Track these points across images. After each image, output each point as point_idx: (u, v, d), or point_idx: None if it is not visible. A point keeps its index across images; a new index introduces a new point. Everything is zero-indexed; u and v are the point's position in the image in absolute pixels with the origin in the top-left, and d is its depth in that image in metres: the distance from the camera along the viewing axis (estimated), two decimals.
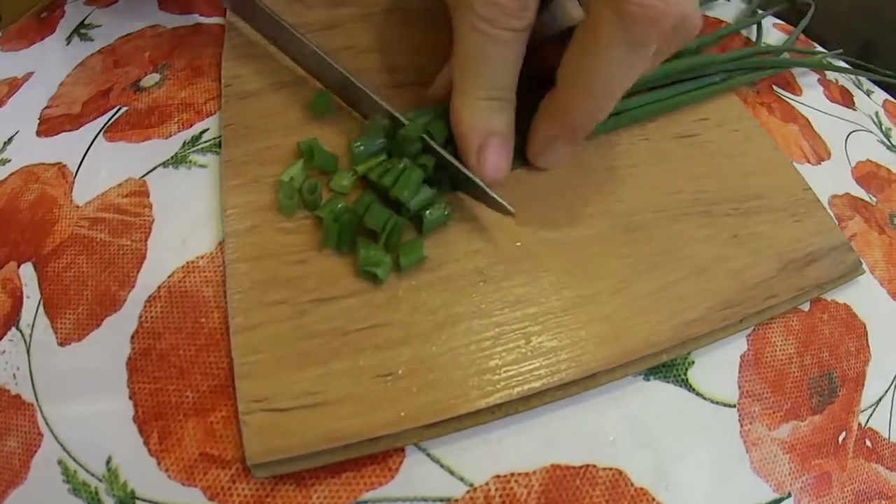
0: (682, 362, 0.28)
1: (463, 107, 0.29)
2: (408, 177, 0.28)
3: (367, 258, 0.26)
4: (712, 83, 0.38)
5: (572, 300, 0.28)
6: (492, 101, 0.28)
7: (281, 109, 0.32)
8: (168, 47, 0.36)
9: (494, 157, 0.29)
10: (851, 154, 0.40)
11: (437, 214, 0.28)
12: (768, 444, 0.27)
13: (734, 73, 0.39)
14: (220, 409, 0.25)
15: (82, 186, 0.31)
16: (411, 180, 0.28)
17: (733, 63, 0.39)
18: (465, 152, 0.29)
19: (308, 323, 0.26)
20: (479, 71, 0.28)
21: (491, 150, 0.29)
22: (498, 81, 0.28)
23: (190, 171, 0.31)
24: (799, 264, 0.31)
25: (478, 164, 0.29)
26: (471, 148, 0.29)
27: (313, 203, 0.28)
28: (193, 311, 0.27)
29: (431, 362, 0.25)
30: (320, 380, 0.24)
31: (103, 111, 0.34)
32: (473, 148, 0.29)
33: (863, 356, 0.31)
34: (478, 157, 0.29)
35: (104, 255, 0.28)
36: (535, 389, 0.25)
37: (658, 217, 0.31)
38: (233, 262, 0.27)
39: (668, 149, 0.35)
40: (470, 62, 0.28)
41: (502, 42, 0.27)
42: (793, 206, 0.34)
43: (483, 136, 0.29)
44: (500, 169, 0.29)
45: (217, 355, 0.26)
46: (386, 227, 0.27)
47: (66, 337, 0.26)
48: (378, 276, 0.26)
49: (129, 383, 0.25)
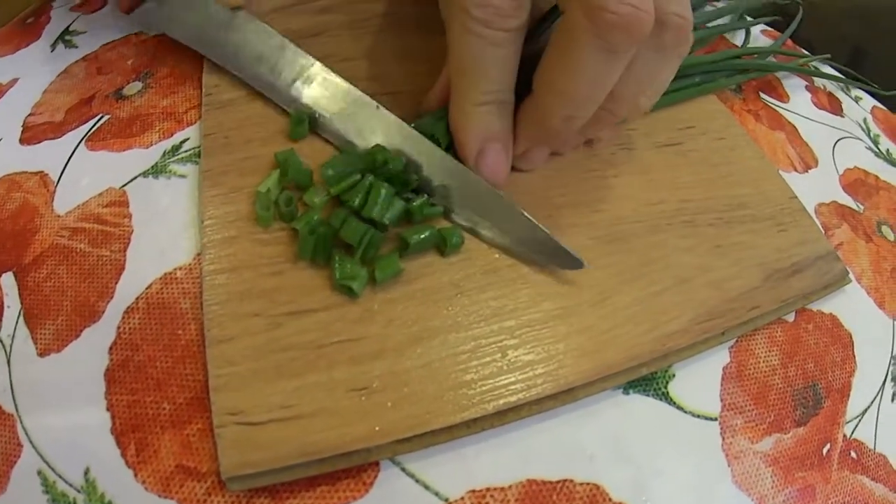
0: (662, 375, 0.28)
1: (461, 112, 0.29)
2: (376, 194, 0.27)
3: (342, 272, 0.26)
4: (692, 84, 0.38)
5: (551, 312, 0.27)
6: (489, 104, 0.28)
7: (260, 119, 0.32)
8: (151, 55, 0.36)
9: (492, 162, 0.29)
10: (839, 161, 0.40)
11: (424, 237, 0.28)
12: (750, 457, 0.27)
13: (715, 74, 0.39)
14: (197, 422, 0.25)
15: (63, 196, 0.31)
16: (380, 197, 0.27)
17: (714, 65, 0.39)
18: (464, 158, 0.29)
19: (283, 335, 0.25)
20: (476, 73, 0.28)
21: (489, 155, 0.29)
22: (495, 84, 0.28)
23: (169, 181, 0.31)
24: (783, 274, 0.31)
25: (476, 170, 0.29)
26: (469, 154, 0.29)
27: (289, 215, 0.28)
28: (171, 322, 0.27)
29: (406, 376, 0.25)
30: (295, 393, 0.24)
31: (86, 119, 0.33)
32: (472, 154, 0.29)
33: (848, 367, 0.31)
34: (476, 163, 0.29)
35: (84, 266, 0.28)
36: (510, 404, 0.25)
37: (640, 227, 0.31)
38: (210, 273, 0.27)
39: (651, 158, 0.34)
40: (466, 65, 0.28)
41: (497, 43, 0.27)
42: (778, 216, 0.33)
43: (481, 141, 0.29)
44: (499, 173, 0.29)
45: (193, 367, 0.25)
46: (362, 242, 0.27)
47: (45, 347, 0.26)
48: (354, 289, 0.26)
49: (107, 395, 0.25)
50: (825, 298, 0.32)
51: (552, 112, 0.27)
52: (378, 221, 0.27)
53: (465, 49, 0.27)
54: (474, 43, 0.27)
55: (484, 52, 0.27)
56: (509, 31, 0.26)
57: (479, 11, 0.26)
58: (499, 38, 0.27)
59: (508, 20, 0.26)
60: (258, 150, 0.31)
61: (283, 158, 0.29)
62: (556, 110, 0.27)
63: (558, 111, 0.27)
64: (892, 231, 0.37)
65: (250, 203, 0.29)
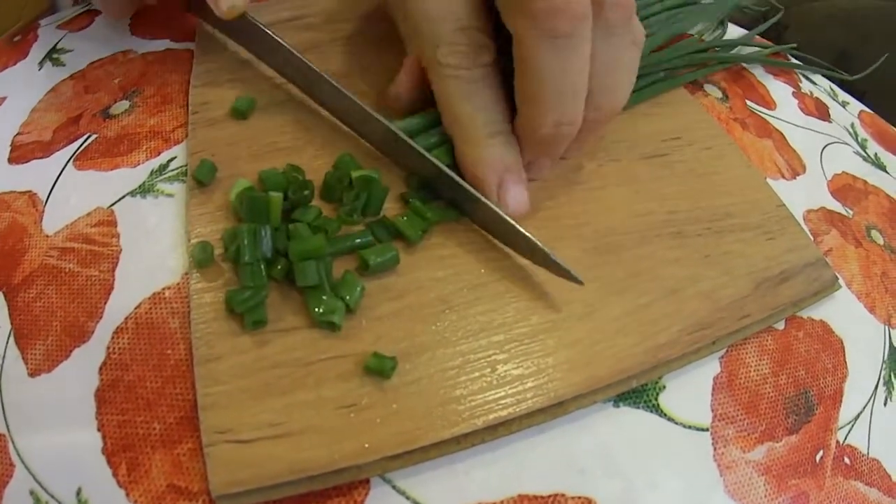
0: (652, 387, 0.28)
1: (471, 151, 0.29)
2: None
3: (319, 311, 0.26)
4: (657, 80, 0.38)
5: (540, 326, 0.27)
6: (496, 136, 0.29)
7: (248, 136, 0.32)
8: (138, 73, 0.36)
9: (515, 194, 0.29)
10: (827, 167, 0.40)
11: (384, 259, 0.28)
12: (743, 466, 0.27)
13: (679, 69, 0.40)
14: (187, 441, 0.24)
15: (52, 215, 0.30)
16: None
17: (679, 59, 0.39)
18: (485, 195, 0.29)
19: (271, 353, 0.25)
20: (471, 112, 0.29)
21: (510, 188, 0.29)
22: (491, 116, 0.29)
23: (157, 200, 0.31)
24: (773, 283, 0.31)
25: (500, 204, 0.29)
26: (490, 191, 0.29)
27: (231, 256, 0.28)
28: (160, 342, 0.26)
29: (395, 393, 0.25)
30: (283, 411, 0.24)
31: (73, 138, 0.33)
32: (493, 190, 0.29)
33: (840, 372, 0.31)
34: (499, 198, 0.29)
35: (73, 286, 0.28)
36: (501, 419, 0.25)
37: (628, 239, 0.31)
38: (197, 291, 0.27)
39: (638, 169, 0.34)
40: (459, 108, 0.29)
41: (474, 79, 0.29)
42: (766, 224, 0.33)
43: (499, 174, 0.29)
44: (523, 203, 0.30)
45: (183, 387, 0.25)
46: (320, 276, 0.26)
47: (36, 368, 0.26)
48: (336, 323, 0.26)
49: (97, 415, 0.25)
50: (815, 305, 0.33)
51: (540, 121, 0.28)
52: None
53: (449, 92, 0.29)
54: (455, 85, 0.29)
55: (465, 90, 0.29)
56: (482, 66, 0.29)
57: (450, 59, 0.28)
58: (473, 74, 0.29)
59: (476, 58, 0.28)
60: (245, 167, 0.31)
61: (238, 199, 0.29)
62: (542, 118, 0.28)
63: (544, 118, 0.28)
64: (881, 235, 0.38)
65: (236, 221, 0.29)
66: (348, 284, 0.27)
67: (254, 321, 0.26)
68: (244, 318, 0.26)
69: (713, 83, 0.43)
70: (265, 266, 0.27)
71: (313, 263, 0.26)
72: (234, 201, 0.29)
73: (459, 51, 0.28)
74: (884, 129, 0.47)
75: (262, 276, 0.26)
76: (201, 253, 0.27)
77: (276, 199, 0.27)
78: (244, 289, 0.26)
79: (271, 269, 0.27)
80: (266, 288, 0.26)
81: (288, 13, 0.39)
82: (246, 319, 0.26)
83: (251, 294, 0.26)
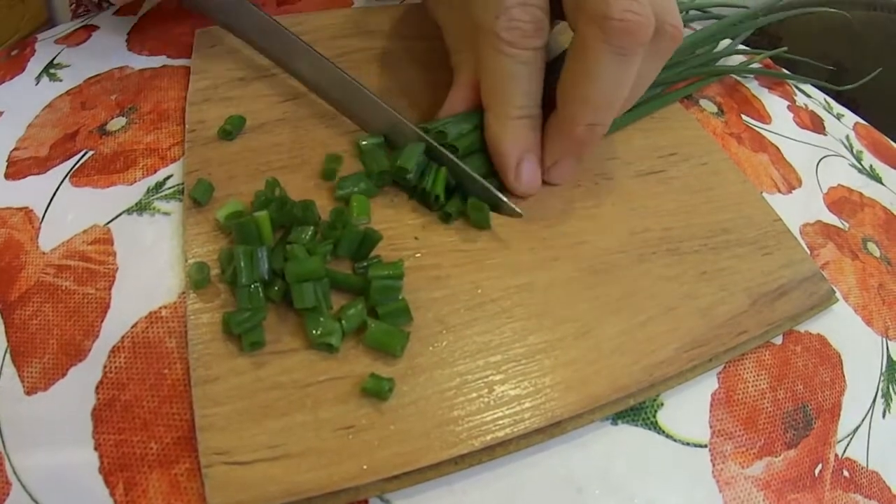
0: (651, 404, 0.28)
1: (500, 126, 0.31)
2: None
3: (318, 331, 0.26)
4: (653, 96, 0.39)
5: (536, 346, 0.27)
6: (525, 118, 0.31)
7: (245, 155, 0.32)
8: (135, 90, 0.36)
9: (530, 174, 0.32)
10: (823, 180, 0.40)
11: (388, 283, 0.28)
12: (742, 482, 0.27)
13: (675, 84, 0.41)
14: (184, 462, 0.24)
15: (48, 232, 0.30)
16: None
17: (672, 74, 0.40)
18: (503, 169, 0.32)
19: (268, 375, 0.25)
20: (510, 89, 0.30)
21: (527, 167, 0.31)
22: (527, 98, 0.30)
23: (153, 218, 0.31)
24: (769, 298, 0.31)
25: (515, 181, 0.32)
26: (509, 165, 0.31)
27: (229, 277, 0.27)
28: (157, 362, 0.26)
29: (392, 414, 0.25)
30: (281, 433, 0.24)
31: (70, 155, 0.33)
32: (511, 165, 0.31)
33: (838, 386, 0.31)
34: (515, 174, 0.31)
35: (69, 304, 0.28)
36: (498, 439, 0.25)
37: (624, 257, 0.31)
38: (194, 312, 0.27)
39: (633, 186, 0.35)
40: (500, 83, 0.30)
41: (525, 61, 0.30)
42: (762, 239, 0.33)
43: (520, 153, 0.31)
44: (535, 184, 0.32)
45: (180, 407, 0.25)
46: (317, 298, 0.26)
47: (32, 386, 0.26)
48: (333, 345, 0.26)
49: (94, 434, 0.25)
50: (812, 319, 0.33)
51: (577, 120, 0.29)
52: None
53: (498, 68, 0.30)
54: (506, 62, 0.29)
55: (515, 69, 0.30)
56: (535, 49, 0.30)
57: (508, 34, 0.29)
58: (526, 56, 0.29)
59: (533, 40, 0.29)
60: (242, 187, 0.31)
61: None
62: (580, 118, 0.29)
63: (582, 119, 0.29)
64: (877, 247, 0.38)
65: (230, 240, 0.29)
66: (354, 314, 0.27)
67: (251, 343, 0.26)
68: (242, 339, 0.26)
69: (708, 98, 0.44)
70: (262, 287, 0.27)
71: (311, 285, 0.26)
72: (224, 221, 0.29)
73: (518, 27, 0.29)
74: (878, 140, 0.47)
75: (259, 298, 0.26)
76: (198, 274, 0.27)
77: (263, 218, 0.27)
78: (242, 310, 0.26)
79: (269, 291, 0.27)
80: (264, 310, 0.26)
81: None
82: (244, 341, 0.26)
83: (249, 316, 0.26)
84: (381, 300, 0.27)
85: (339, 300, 0.28)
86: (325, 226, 0.29)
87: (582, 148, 0.31)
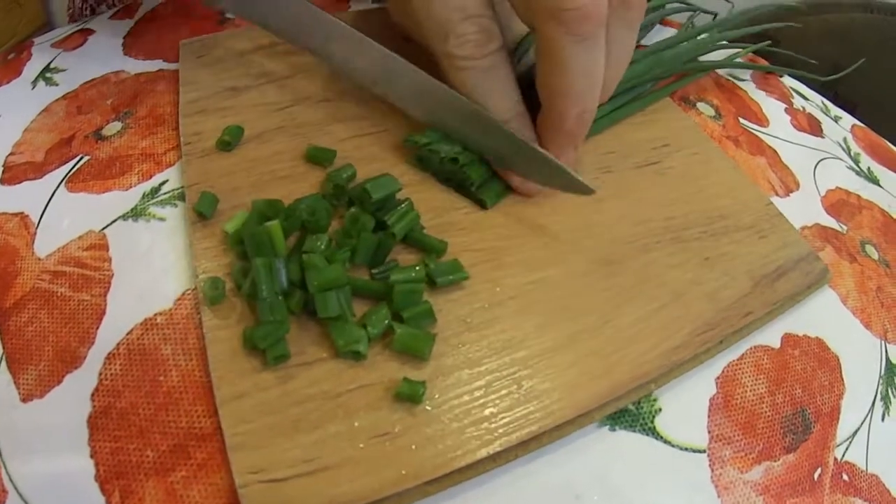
0: (648, 410, 0.28)
1: None
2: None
3: (344, 339, 0.26)
4: (643, 92, 0.39)
5: (559, 340, 0.28)
6: (512, 120, 0.31)
7: (245, 165, 0.32)
8: (130, 94, 0.36)
9: None
10: (821, 183, 0.40)
11: (410, 287, 0.27)
12: (741, 487, 0.27)
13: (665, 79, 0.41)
14: (180, 469, 0.24)
15: (44, 238, 0.30)
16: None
17: (661, 70, 0.40)
18: (506, 174, 0.32)
19: (296, 388, 0.25)
20: (486, 99, 0.30)
21: None
22: (506, 100, 0.31)
23: (149, 224, 0.31)
24: (770, 279, 0.32)
25: (522, 182, 0.32)
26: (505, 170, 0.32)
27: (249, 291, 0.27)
28: (152, 369, 0.26)
29: (426, 417, 0.25)
30: (316, 446, 0.24)
31: (66, 160, 0.33)
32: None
33: (837, 389, 0.31)
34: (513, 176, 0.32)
35: (65, 310, 0.28)
36: (533, 433, 0.25)
37: (631, 248, 0.32)
38: (211, 328, 0.26)
39: (633, 179, 0.35)
40: (472, 96, 0.30)
41: (489, 66, 0.30)
42: (757, 223, 0.34)
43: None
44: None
45: (175, 414, 0.25)
46: (341, 306, 0.26)
47: (28, 393, 0.26)
48: (361, 352, 0.26)
49: (90, 441, 0.25)
50: (811, 322, 0.33)
51: (565, 114, 0.30)
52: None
53: (465, 83, 0.30)
54: (470, 75, 0.30)
55: (481, 79, 0.30)
56: (493, 52, 0.30)
57: (461, 51, 0.29)
58: (487, 62, 0.30)
59: (487, 46, 0.29)
60: (247, 198, 0.30)
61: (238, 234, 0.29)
62: (567, 111, 0.30)
63: (569, 112, 0.30)
64: (876, 250, 0.38)
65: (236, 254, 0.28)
66: (377, 317, 0.26)
67: (276, 356, 0.25)
68: (266, 353, 0.25)
69: (706, 101, 0.44)
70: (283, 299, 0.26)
71: (334, 294, 0.26)
72: (231, 234, 0.28)
73: (469, 40, 0.29)
74: (876, 142, 0.47)
75: (282, 310, 0.26)
76: (212, 290, 0.27)
77: (275, 228, 0.27)
78: (264, 324, 0.25)
79: (289, 302, 0.26)
80: (287, 322, 0.26)
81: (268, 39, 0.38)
82: (268, 355, 0.25)
83: (272, 329, 0.25)
84: (405, 304, 0.27)
85: (359, 307, 0.27)
86: (341, 233, 0.29)
87: (577, 137, 0.32)
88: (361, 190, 0.29)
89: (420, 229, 0.30)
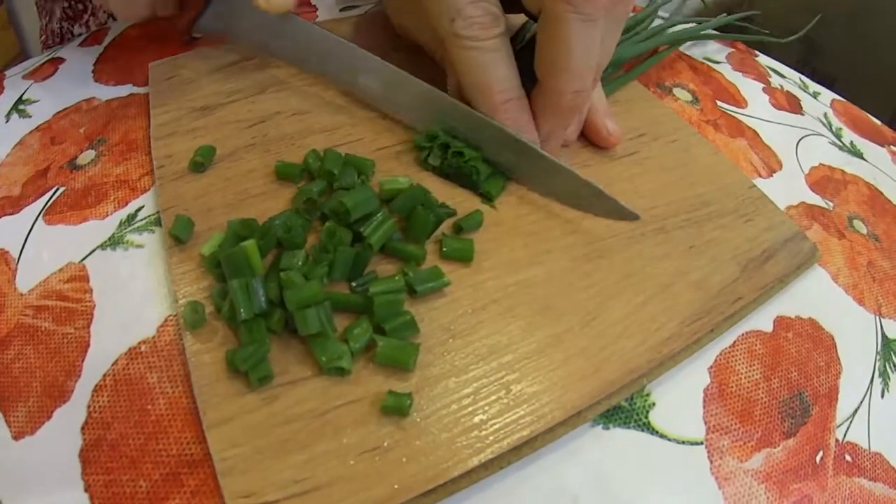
0: (642, 405, 0.28)
1: (492, 115, 0.32)
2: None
3: (327, 356, 0.25)
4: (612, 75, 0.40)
5: (545, 341, 0.28)
6: (509, 102, 0.32)
7: (219, 185, 0.32)
8: (103, 121, 0.36)
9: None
10: (803, 161, 0.40)
11: (390, 297, 0.27)
12: (741, 477, 0.26)
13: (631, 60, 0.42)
14: (174, 498, 0.24)
15: (25, 273, 0.30)
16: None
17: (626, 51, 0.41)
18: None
19: (282, 408, 0.25)
20: (487, 79, 0.32)
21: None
22: (506, 81, 0.32)
23: (127, 251, 0.30)
24: (758, 262, 0.32)
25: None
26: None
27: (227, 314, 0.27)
28: (139, 398, 0.26)
29: (415, 429, 0.25)
30: (306, 465, 0.23)
31: (42, 192, 0.33)
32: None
33: (834, 369, 0.31)
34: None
35: (50, 345, 0.28)
36: (524, 438, 0.25)
37: (615, 242, 0.32)
38: (194, 353, 0.26)
39: (611, 171, 0.35)
40: (475, 76, 0.32)
41: (492, 48, 0.31)
42: (742, 207, 0.34)
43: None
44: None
45: (165, 443, 0.25)
46: (321, 322, 0.26)
47: (19, 430, 0.26)
48: (344, 368, 0.25)
49: (83, 475, 0.25)
50: (803, 303, 0.32)
51: (563, 90, 0.31)
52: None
53: (469, 63, 0.32)
54: (474, 55, 0.31)
55: (485, 59, 0.32)
56: (497, 36, 0.31)
57: (467, 31, 0.31)
58: (491, 44, 0.31)
59: (493, 29, 0.31)
60: (222, 219, 0.30)
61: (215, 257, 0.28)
62: (565, 88, 0.31)
63: (568, 88, 0.31)
64: (864, 224, 0.37)
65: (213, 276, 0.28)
66: (361, 333, 0.26)
67: (260, 378, 0.25)
68: (249, 375, 0.25)
69: (682, 86, 0.43)
70: (262, 319, 0.26)
71: (313, 311, 0.26)
72: (207, 257, 0.28)
73: (475, 22, 0.31)
74: (857, 115, 0.47)
75: (261, 330, 0.26)
76: (192, 314, 0.26)
77: (251, 248, 0.27)
78: (245, 346, 0.25)
79: (269, 322, 0.26)
80: (267, 342, 0.26)
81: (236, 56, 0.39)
82: (251, 377, 0.25)
83: (253, 350, 0.25)
84: (386, 316, 0.27)
85: (340, 321, 0.27)
86: (317, 248, 0.28)
87: (571, 116, 0.33)
88: (337, 202, 0.29)
89: (398, 238, 0.30)
